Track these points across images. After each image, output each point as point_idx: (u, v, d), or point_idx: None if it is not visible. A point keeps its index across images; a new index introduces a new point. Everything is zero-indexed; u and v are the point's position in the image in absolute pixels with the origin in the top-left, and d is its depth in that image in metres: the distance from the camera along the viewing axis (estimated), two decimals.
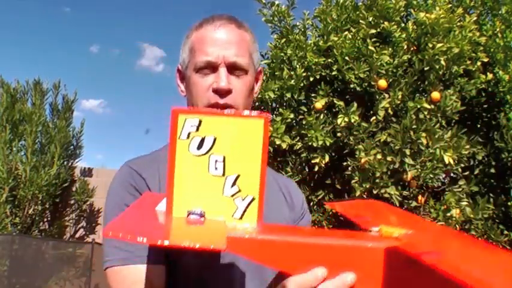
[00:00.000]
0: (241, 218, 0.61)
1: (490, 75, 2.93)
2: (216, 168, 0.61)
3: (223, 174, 0.61)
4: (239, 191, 0.61)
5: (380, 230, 0.59)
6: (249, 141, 0.61)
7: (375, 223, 0.62)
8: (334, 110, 2.78)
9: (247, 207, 0.61)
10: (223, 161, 0.61)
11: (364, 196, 2.62)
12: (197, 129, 0.60)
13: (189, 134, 0.60)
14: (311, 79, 2.80)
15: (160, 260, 0.81)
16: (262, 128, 0.60)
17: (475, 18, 2.99)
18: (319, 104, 2.73)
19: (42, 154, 5.76)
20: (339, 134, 2.72)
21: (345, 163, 2.70)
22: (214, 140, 0.60)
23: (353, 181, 2.60)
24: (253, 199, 0.61)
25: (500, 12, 3.11)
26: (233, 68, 0.88)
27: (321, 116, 2.74)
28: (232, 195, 0.61)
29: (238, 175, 0.61)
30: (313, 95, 2.81)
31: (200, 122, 0.60)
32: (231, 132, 0.60)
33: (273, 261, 0.57)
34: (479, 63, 2.90)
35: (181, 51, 0.96)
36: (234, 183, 0.61)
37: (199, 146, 0.60)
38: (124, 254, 0.81)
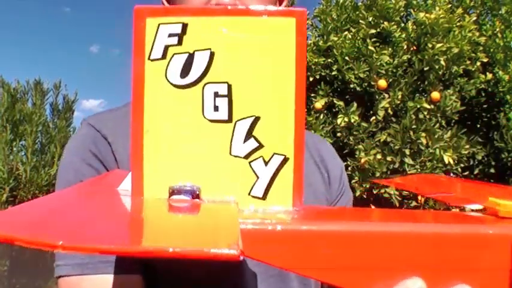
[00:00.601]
0: (264, 195, 0.34)
1: (489, 75, 2.94)
2: (216, 108, 0.34)
3: (230, 119, 0.34)
4: (260, 146, 0.34)
5: (489, 205, 0.36)
6: (273, 57, 0.34)
7: (461, 200, 0.42)
8: (334, 110, 2.78)
9: (274, 175, 0.34)
10: (229, 93, 0.34)
11: (364, 196, 2.62)
12: (180, 42, 0.34)
13: (166, 49, 0.34)
14: (311, 79, 2.80)
15: (135, 267, 0.54)
16: (294, 32, 0.34)
17: (474, 18, 2.99)
18: (319, 104, 2.73)
19: (43, 154, 5.77)
20: (338, 134, 2.72)
21: (345, 163, 2.69)
22: (211, 56, 0.34)
23: (353, 181, 2.60)
24: (285, 159, 0.34)
25: (500, 12, 3.11)
26: None
27: (321, 116, 2.74)
28: (248, 156, 0.34)
29: (256, 118, 0.34)
30: (313, 95, 2.81)
31: (185, 27, 0.34)
32: (240, 43, 0.34)
33: (324, 273, 0.32)
34: (479, 63, 2.90)
35: None
36: (249, 134, 0.34)
37: (185, 71, 0.34)
38: (81, 259, 0.54)
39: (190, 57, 0.34)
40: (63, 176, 0.60)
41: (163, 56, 0.34)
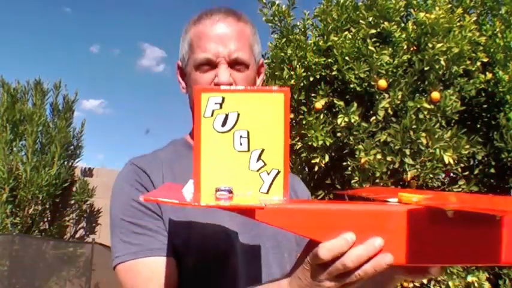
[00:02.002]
0: (267, 192, 0.62)
1: (489, 75, 2.94)
2: (240, 144, 0.62)
3: (248, 150, 0.62)
4: (264, 165, 0.62)
5: (399, 197, 0.62)
6: (271, 116, 0.62)
7: (391, 196, 0.65)
8: (334, 110, 2.78)
9: (273, 180, 0.62)
10: (248, 136, 0.62)
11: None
12: (220, 107, 0.61)
13: (213, 111, 0.61)
14: (311, 79, 2.80)
15: (171, 253, 0.81)
16: (283, 102, 0.62)
17: (474, 18, 2.99)
18: (319, 104, 2.73)
19: (43, 154, 5.77)
20: (339, 134, 2.72)
21: (345, 163, 2.70)
22: (238, 116, 0.61)
23: (353, 181, 2.60)
24: (278, 172, 0.62)
25: (500, 12, 3.11)
26: (234, 63, 0.86)
27: (321, 116, 2.74)
28: (258, 170, 0.62)
29: (262, 149, 0.62)
30: (313, 95, 2.82)
31: (223, 99, 0.61)
32: (254, 108, 0.62)
33: (302, 229, 0.57)
34: (479, 63, 2.90)
35: (180, 46, 0.93)
36: (259, 158, 0.62)
37: (224, 123, 0.61)
38: (135, 248, 0.80)
39: (226, 116, 0.61)
40: (118, 197, 0.87)
41: (211, 115, 0.61)
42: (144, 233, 0.82)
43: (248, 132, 0.62)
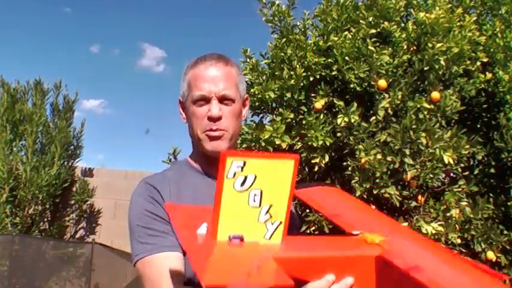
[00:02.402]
0: (270, 238, 0.75)
1: (489, 75, 2.94)
2: (254, 201, 0.73)
3: (260, 205, 0.73)
4: (270, 217, 0.74)
5: (363, 236, 0.80)
6: (282, 177, 0.74)
7: (350, 225, 0.85)
8: (334, 110, 2.78)
9: (275, 229, 0.75)
10: (260, 194, 0.73)
11: (364, 196, 2.62)
12: (241, 170, 0.71)
13: (234, 173, 0.71)
14: (311, 79, 2.80)
15: (180, 250, 1.00)
16: (292, 167, 0.73)
17: (474, 18, 2.99)
18: (319, 104, 2.73)
19: (43, 154, 5.77)
20: (339, 134, 2.72)
21: (345, 163, 2.70)
22: (255, 178, 0.72)
23: (353, 181, 2.60)
24: (280, 223, 0.75)
25: (500, 12, 3.12)
26: (223, 99, 1.10)
27: (321, 116, 2.74)
28: (265, 221, 0.74)
29: (270, 205, 0.74)
30: (313, 95, 2.82)
31: (244, 163, 0.71)
32: (269, 171, 0.73)
33: (294, 272, 0.71)
34: (479, 63, 2.90)
35: (180, 85, 1.18)
36: (267, 212, 0.74)
37: (242, 183, 0.72)
38: (150, 246, 1.00)
39: (245, 178, 0.71)
40: (134, 209, 1.07)
41: (233, 176, 0.71)
42: (157, 235, 1.02)
43: (261, 191, 0.73)
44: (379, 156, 2.55)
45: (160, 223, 1.03)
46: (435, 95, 2.70)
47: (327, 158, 2.72)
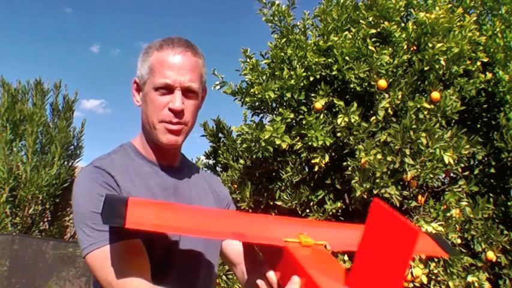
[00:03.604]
0: None
1: (489, 75, 2.94)
2: None
3: None
4: None
5: (299, 239, 0.83)
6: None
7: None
8: (334, 110, 2.78)
9: None
10: None
11: (364, 196, 2.62)
12: None
13: None
14: (311, 79, 2.80)
15: (136, 235, 0.92)
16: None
17: (474, 18, 2.99)
18: (319, 104, 2.73)
19: (43, 154, 5.77)
20: (339, 134, 2.72)
21: (345, 163, 2.70)
22: None
23: (353, 181, 2.60)
24: None
25: (500, 12, 3.12)
26: (186, 91, 1.04)
27: (321, 116, 2.74)
28: None
29: None
30: (313, 95, 2.81)
31: None
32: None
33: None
34: (479, 63, 2.90)
35: (139, 65, 1.08)
36: None
37: None
38: (111, 235, 0.92)
39: None
40: (87, 195, 0.97)
41: None
42: None
43: None
44: (379, 156, 2.55)
45: None
46: (435, 95, 2.70)
47: (327, 158, 2.72)
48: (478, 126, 3.07)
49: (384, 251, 0.62)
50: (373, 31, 2.80)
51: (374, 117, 2.69)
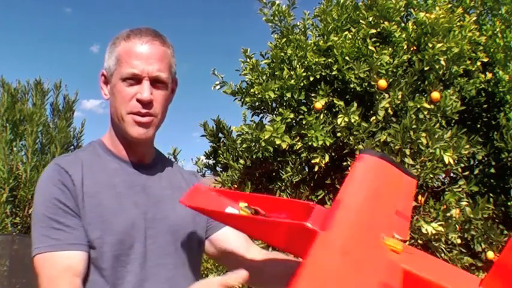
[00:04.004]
0: None
1: (489, 75, 2.94)
2: None
3: None
4: None
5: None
6: None
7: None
8: (334, 110, 2.78)
9: None
10: None
11: None
12: None
13: None
14: (311, 79, 2.80)
15: (86, 247, 0.95)
16: None
17: (474, 18, 2.99)
18: (319, 104, 2.73)
19: (43, 154, 5.76)
20: (339, 134, 2.72)
21: (345, 163, 2.70)
22: None
23: None
24: None
25: (500, 12, 3.12)
26: (155, 81, 1.01)
27: (321, 116, 2.74)
28: None
29: None
30: (313, 95, 2.81)
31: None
32: None
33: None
34: (479, 63, 2.90)
35: (106, 56, 1.05)
36: None
37: None
38: (53, 241, 0.93)
39: None
40: (41, 195, 0.98)
41: None
42: (62, 229, 0.94)
43: None
44: None
45: (67, 215, 0.95)
46: (435, 95, 2.70)
47: (327, 158, 2.72)
48: (478, 126, 3.07)
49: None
50: (373, 31, 2.80)
51: (374, 117, 2.69)
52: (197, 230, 1.12)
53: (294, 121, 2.87)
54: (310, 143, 2.67)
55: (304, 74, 2.77)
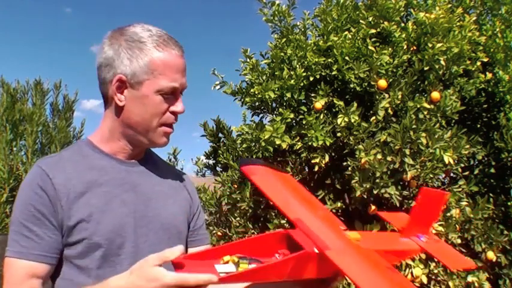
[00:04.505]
0: None
1: (489, 75, 2.94)
2: None
3: None
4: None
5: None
6: None
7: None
8: (334, 110, 2.78)
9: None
10: None
11: (365, 196, 2.62)
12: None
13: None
14: (311, 79, 2.80)
15: (51, 259, 0.96)
16: None
17: (474, 18, 2.99)
18: (319, 104, 2.73)
19: (43, 154, 5.76)
20: (339, 134, 2.72)
21: (345, 163, 2.70)
22: None
23: (353, 181, 2.60)
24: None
25: (500, 12, 3.12)
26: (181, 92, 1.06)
27: (321, 116, 2.74)
28: None
29: None
30: (313, 94, 2.81)
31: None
32: None
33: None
34: (479, 63, 2.90)
35: (128, 61, 0.99)
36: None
37: None
38: (20, 248, 0.94)
39: None
40: (19, 198, 0.98)
41: None
42: (31, 237, 0.95)
43: None
44: (379, 156, 2.55)
45: (39, 222, 0.95)
46: (435, 95, 2.70)
47: (327, 158, 2.72)
48: (478, 126, 3.07)
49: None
50: (373, 31, 2.80)
51: (374, 117, 2.69)
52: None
53: (294, 121, 2.87)
54: (310, 143, 2.67)
55: (304, 74, 2.77)
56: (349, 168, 2.65)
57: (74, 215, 0.96)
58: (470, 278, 2.63)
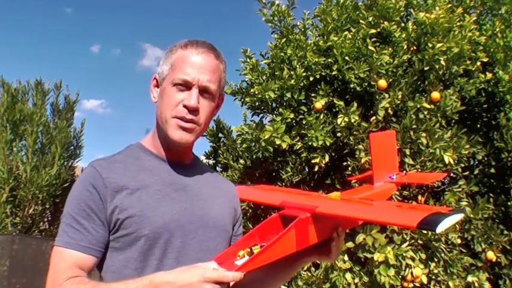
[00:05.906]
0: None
1: (489, 75, 2.94)
2: None
3: None
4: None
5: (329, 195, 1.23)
6: None
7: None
8: (334, 110, 2.78)
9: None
10: None
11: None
12: None
13: None
14: (311, 79, 2.80)
15: (97, 252, 1.01)
16: None
17: (474, 18, 2.99)
18: (319, 104, 2.73)
19: (43, 154, 5.76)
20: (339, 134, 2.72)
21: (345, 163, 2.69)
22: None
23: (353, 181, 2.60)
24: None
25: (500, 12, 3.12)
26: (203, 91, 1.05)
27: (321, 116, 2.74)
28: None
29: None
30: (313, 95, 2.81)
31: None
32: None
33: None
34: (479, 63, 2.90)
35: (161, 62, 1.11)
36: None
37: None
38: (69, 239, 1.01)
39: None
40: (73, 193, 1.06)
41: None
42: (79, 230, 1.01)
43: None
44: None
45: (88, 217, 1.01)
46: (435, 95, 2.70)
47: (327, 158, 2.72)
48: (478, 126, 3.07)
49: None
50: (373, 31, 2.80)
51: (374, 117, 2.69)
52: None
53: (294, 121, 2.87)
54: (310, 143, 2.67)
55: (304, 74, 2.77)
56: (349, 168, 2.65)
57: (126, 209, 1.01)
58: (470, 278, 2.63)
